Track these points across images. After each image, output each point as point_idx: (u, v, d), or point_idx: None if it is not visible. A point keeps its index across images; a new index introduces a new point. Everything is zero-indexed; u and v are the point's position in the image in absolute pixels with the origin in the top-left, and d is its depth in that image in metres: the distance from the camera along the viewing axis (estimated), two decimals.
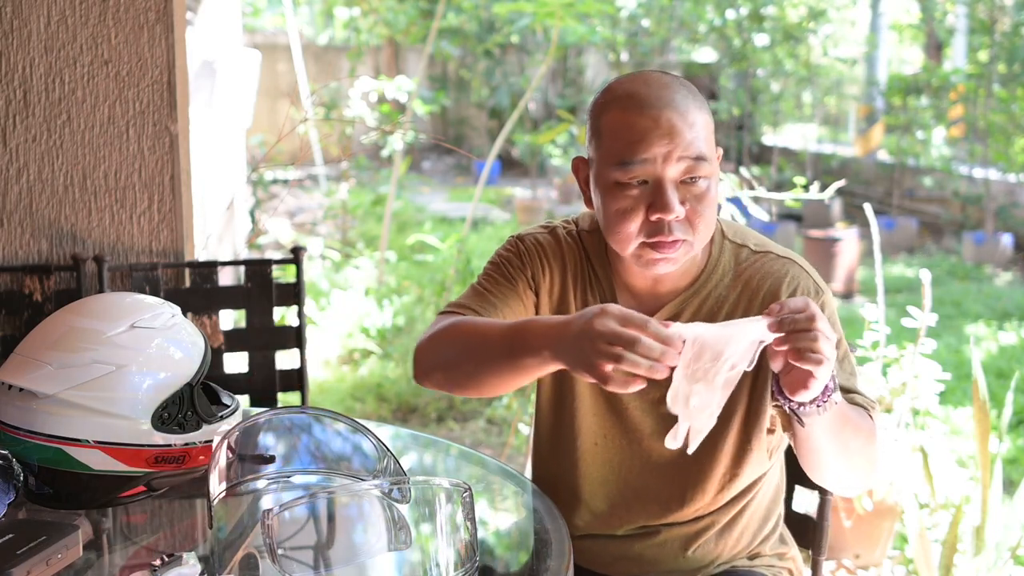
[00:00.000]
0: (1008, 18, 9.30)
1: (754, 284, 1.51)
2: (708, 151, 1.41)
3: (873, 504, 3.02)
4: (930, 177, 9.78)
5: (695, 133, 1.39)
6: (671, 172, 1.39)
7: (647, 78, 1.44)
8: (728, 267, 1.53)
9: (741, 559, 1.64)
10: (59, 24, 2.18)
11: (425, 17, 11.00)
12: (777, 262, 1.52)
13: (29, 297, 2.20)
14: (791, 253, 1.55)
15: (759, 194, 3.50)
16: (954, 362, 5.10)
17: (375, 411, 4.52)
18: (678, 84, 1.43)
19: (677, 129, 1.38)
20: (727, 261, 1.53)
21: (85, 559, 1.33)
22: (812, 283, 1.51)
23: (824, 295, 1.50)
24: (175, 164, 2.26)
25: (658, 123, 1.38)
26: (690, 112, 1.40)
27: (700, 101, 1.43)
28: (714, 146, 1.45)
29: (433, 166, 13.76)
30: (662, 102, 1.39)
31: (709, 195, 1.41)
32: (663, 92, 1.41)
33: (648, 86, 1.42)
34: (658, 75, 1.45)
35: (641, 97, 1.40)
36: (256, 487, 1.53)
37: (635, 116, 1.40)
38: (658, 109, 1.39)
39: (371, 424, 1.93)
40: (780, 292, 1.49)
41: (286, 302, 2.35)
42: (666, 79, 1.44)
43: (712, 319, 1.49)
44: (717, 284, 1.52)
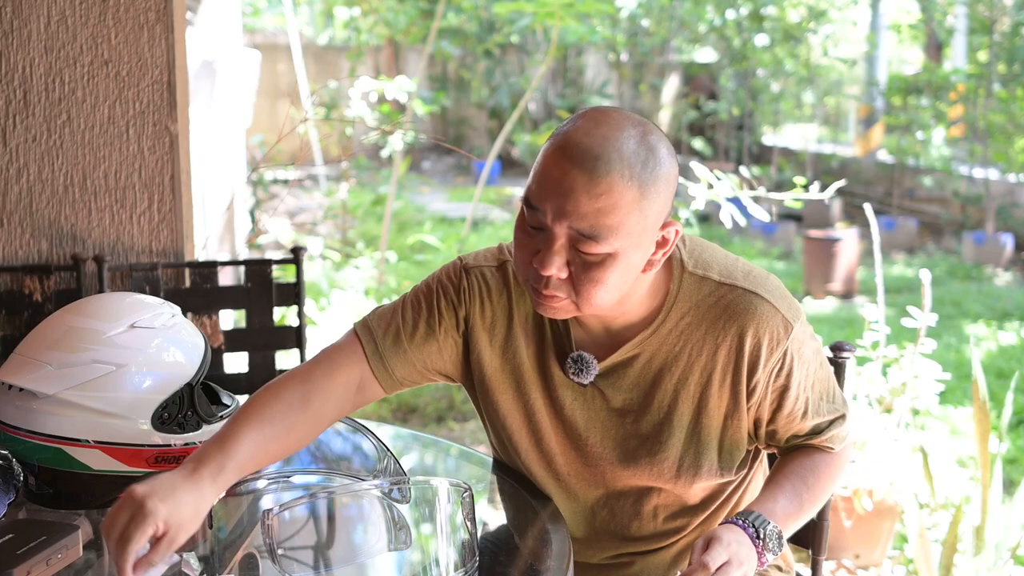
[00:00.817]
0: (1008, 18, 9.30)
1: (720, 325, 1.41)
2: (613, 229, 1.27)
3: (873, 504, 3.02)
4: (930, 177, 9.78)
5: (597, 206, 1.26)
6: (559, 229, 1.29)
7: (599, 124, 1.30)
8: (689, 303, 1.42)
9: None
10: (59, 24, 2.18)
11: (425, 17, 11.00)
12: (743, 299, 1.41)
13: (29, 297, 2.20)
14: (758, 282, 1.43)
15: (759, 194, 3.50)
16: (954, 362, 5.10)
17: (375, 411, 4.52)
18: (627, 145, 1.28)
19: (577, 196, 1.26)
20: (688, 296, 1.43)
21: (85, 559, 1.33)
22: (780, 319, 1.40)
23: (793, 330, 1.41)
24: (175, 164, 2.27)
25: (561, 180, 1.27)
26: (604, 182, 1.26)
27: (639, 173, 1.27)
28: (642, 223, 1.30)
29: (433, 166, 13.76)
30: (584, 158, 1.26)
31: (603, 270, 1.30)
32: (598, 147, 1.27)
33: (589, 135, 1.28)
34: (616, 124, 1.30)
35: (570, 144, 1.28)
36: (256, 487, 1.53)
37: (553, 161, 1.29)
38: (572, 164, 1.27)
39: (371, 424, 1.93)
40: (746, 337, 1.40)
41: (286, 302, 2.35)
42: (619, 134, 1.28)
43: (675, 358, 1.43)
44: (678, 323, 1.42)
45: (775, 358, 1.41)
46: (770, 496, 1.44)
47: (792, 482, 1.47)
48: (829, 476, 1.52)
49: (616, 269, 1.31)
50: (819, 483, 1.49)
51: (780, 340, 1.41)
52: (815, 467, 1.50)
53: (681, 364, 1.43)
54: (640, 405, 1.45)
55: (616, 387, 1.46)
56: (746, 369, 1.41)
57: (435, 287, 1.51)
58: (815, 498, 1.49)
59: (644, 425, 1.45)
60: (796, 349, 1.42)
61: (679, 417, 1.44)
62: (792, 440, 1.50)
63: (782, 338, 1.41)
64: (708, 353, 1.42)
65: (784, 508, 1.43)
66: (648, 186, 1.29)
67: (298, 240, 8.07)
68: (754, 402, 1.44)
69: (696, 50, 12.58)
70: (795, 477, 1.48)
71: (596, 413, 1.47)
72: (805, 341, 1.45)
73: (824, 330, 5.41)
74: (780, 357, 1.42)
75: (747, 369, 1.41)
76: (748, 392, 1.43)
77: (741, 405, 1.44)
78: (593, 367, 1.44)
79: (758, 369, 1.41)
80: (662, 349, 1.43)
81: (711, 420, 1.44)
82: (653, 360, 1.44)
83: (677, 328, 1.43)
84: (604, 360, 1.45)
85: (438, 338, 1.49)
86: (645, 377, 1.44)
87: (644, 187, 1.28)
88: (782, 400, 1.45)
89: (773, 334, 1.41)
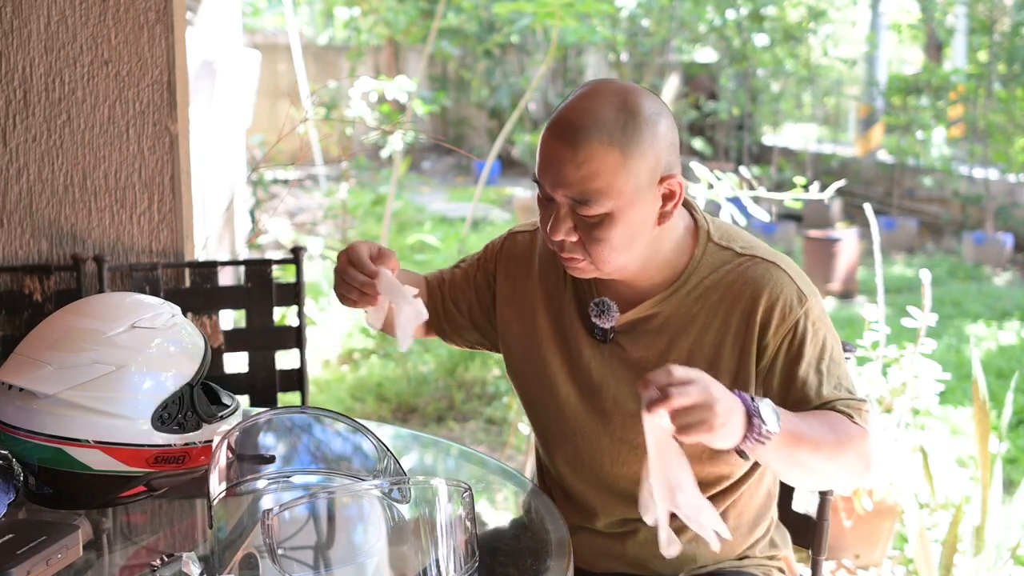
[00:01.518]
0: (1008, 18, 9.30)
1: (736, 288, 1.48)
2: (602, 191, 1.39)
3: (873, 504, 3.02)
4: (930, 177, 9.78)
5: (582, 173, 1.38)
6: (559, 200, 1.43)
7: (583, 98, 1.42)
8: (710, 269, 1.50)
9: (730, 560, 1.63)
10: (59, 24, 2.18)
11: (425, 17, 10.99)
12: (761, 266, 1.49)
13: (29, 297, 2.20)
14: (778, 257, 1.52)
15: (759, 194, 3.50)
16: (954, 362, 5.09)
17: (375, 411, 4.52)
18: (606, 113, 1.39)
19: (563, 167, 1.40)
20: (710, 263, 1.51)
21: (85, 559, 1.33)
22: (795, 289, 1.47)
23: (808, 301, 1.47)
24: (175, 164, 2.27)
25: (550, 154, 1.42)
26: (583, 149, 1.38)
27: (618, 137, 1.38)
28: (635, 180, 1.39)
29: (433, 166, 13.76)
30: (565, 132, 1.40)
31: (604, 229, 1.41)
32: (578, 119, 1.39)
33: (572, 109, 1.42)
34: (599, 96, 1.41)
35: (557, 119, 1.43)
36: (256, 487, 1.53)
37: (546, 137, 1.43)
38: (556, 139, 1.41)
39: (371, 424, 1.93)
40: (760, 299, 1.46)
41: (286, 302, 2.35)
42: (598, 104, 1.40)
43: (692, 320, 1.49)
44: (697, 285, 1.50)
45: (787, 325, 1.45)
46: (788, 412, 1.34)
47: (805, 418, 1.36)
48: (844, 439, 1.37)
49: (617, 227, 1.41)
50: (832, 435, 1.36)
51: (793, 308, 1.45)
52: (832, 421, 1.38)
53: (697, 326, 1.49)
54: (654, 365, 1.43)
55: (634, 343, 1.52)
56: (757, 331, 1.46)
57: (485, 249, 1.73)
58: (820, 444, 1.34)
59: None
60: (810, 323, 1.45)
61: None
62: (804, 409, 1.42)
63: (795, 307, 1.46)
64: (723, 316, 1.48)
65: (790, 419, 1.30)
66: (629, 146, 1.39)
67: (298, 240, 8.07)
68: (764, 367, 1.46)
69: (696, 50, 12.57)
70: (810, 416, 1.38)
71: (612, 366, 1.54)
72: (821, 321, 1.47)
73: None
74: (792, 326, 1.45)
75: (758, 331, 1.46)
76: (758, 353, 1.46)
77: (749, 368, 1.47)
78: (614, 310, 1.52)
79: (768, 331, 1.45)
80: (680, 310, 1.50)
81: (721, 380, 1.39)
82: (671, 320, 1.50)
83: (696, 291, 1.50)
84: (625, 313, 1.52)
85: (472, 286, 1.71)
86: (662, 336, 1.51)
87: (626, 149, 1.38)
88: (793, 373, 1.44)
89: (787, 301, 1.46)
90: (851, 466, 1.39)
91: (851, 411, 1.42)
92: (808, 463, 1.35)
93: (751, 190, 3.52)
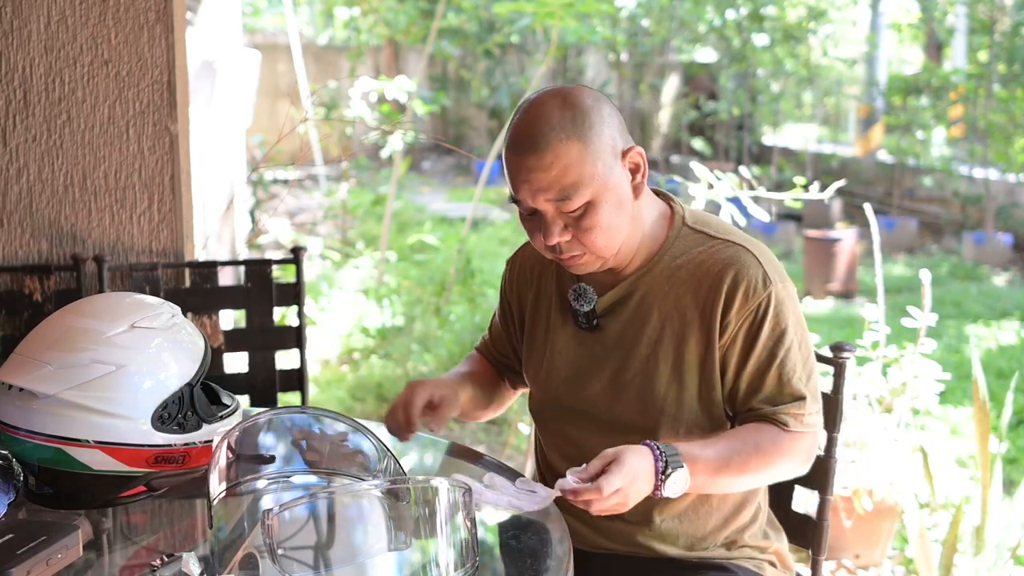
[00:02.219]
0: (1008, 18, 9.30)
1: (705, 267, 1.57)
2: (577, 183, 1.48)
3: (873, 504, 3.01)
4: (930, 177, 9.77)
5: (554, 172, 1.47)
6: (543, 207, 1.51)
7: (526, 112, 1.51)
8: (683, 250, 1.59)
9: (718, 547, 1.64)
10: (59, 24, 2.18)
11: (425, 17, 10.99)
12: (731, 248, 1.57)
13: (29, 297, 2.20)
14: (750, 242, 1.60)
15: (759, 194, 3.50)
16: (954, 362, 5.09)
17: (375, 411, 4.52)
18: (552, 115, 1.49)
19: (535, 175, 1.48)
20: (683, 244, 1.60)
21: (85, 559, 1.33)
22: (761, 272, 1.55)
23: (772, 286, 1.55)
24: (175, 164, 2.27)
25: (519, 168, 1.50)
26: (548, 152, 1.47)
27: (571, 130, 1.48)
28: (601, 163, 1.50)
29: (433, 166, 13.76)
30: (525, 144, 1.49)
31: (590, 217, 1.50)
32: (531, 129, 1.49)
33: (521, 124, 1.51)
34: (539, 105, 1.51)
35: (512, 138, 1.52)
36: (256, 487, 1.53)
37: (509, 157, 1.52)
38: (520, 153, 1.49)
39: (371, 424, 1.93)
40: (725, 278, 1.54)
41: (286, 302, 2.35)
42: (542, 111, 1.49)
43: (664, 297, 1.58)
44: (668, 265, 1.59)
45: (749, 306, 1.54)
46: (701, 443, 1.51)
47: (730, 443, 1.52)
48: (773, 454, 1.53)
49: (601, 211, 1.51)
50: (757, 456, 1.52)
51: (757, 290, 1.54)
52: (760, 440, 1.53)
53: (669, 302, 1.58)
54: (632, 341, 1.60)
55: (613, 322, 1.62)
56: (721, 307, 1.54)
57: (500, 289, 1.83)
58: (745, 467, 1.51)
59: (634, 360, 1.59)
60: (772, 306, 1.54)
61: (664, 352, 1.57)
62: (751, 403, 1.56)
63: (759, 289, 1.54)
64: (692, 292, 1.56)
65: (707, 460, 1.48)
66: (585, 134, 1.49)
67: (298, 240, 8.07)
68: (725, 342, 1.55)
69: (696, 50, 12.56)
70: (736, 440, 1.53)
71: (596, 352, 1.63)
72: (784, 308, 1.55)
73: (824, 330, 5.40)
74: (755, 308, 1.54)
75: (722, 307, 1.54)
76: (720, 331, 1.55)
77: (714, 343, 1.55)
78: (591, 294, 1.62)
79: (732, 309, 1.54)
80: (654, 287, 1.59)
81: (691, 356, 1.56)
82: (646, 297, 1.59)
83: (668, 269, 1.59)
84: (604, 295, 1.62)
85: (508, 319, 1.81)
86: (639, 314, 1.60)
87: (582, 137, 1.48)
88: (749, 352, 1.55)
89: (751, 282, 1.54)
90: (784, 471, 1.58)
91: (788, 418, 1.54)
92: (734, 485, 1.56)
93: (751, 190, 3.52)
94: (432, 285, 5.77)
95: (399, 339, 5.29)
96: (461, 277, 5.36)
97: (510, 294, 1.79)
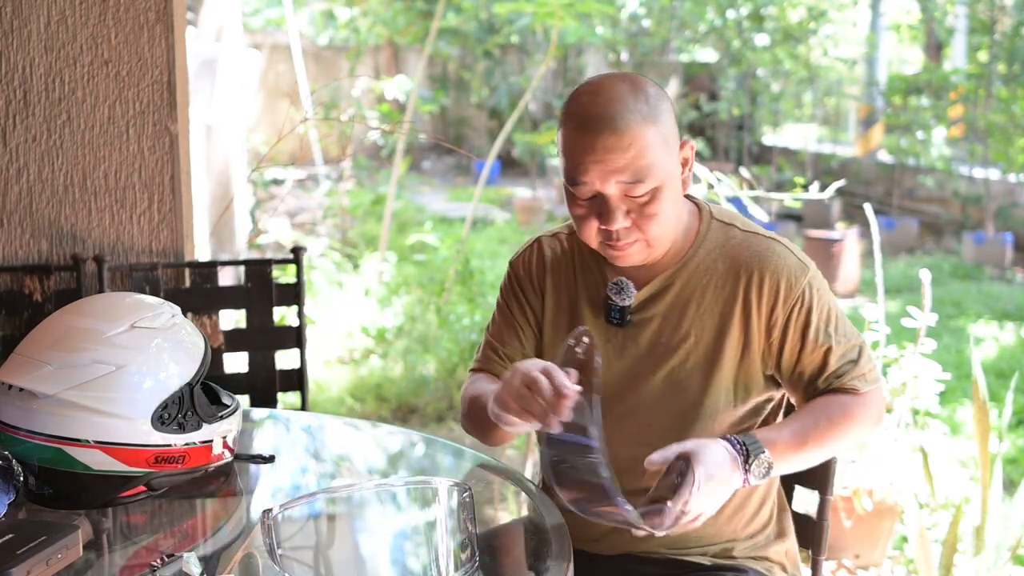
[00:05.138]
0: (1008, 18, 9.30)
1: (740, 261, 1.57)
2: (650, 167, 1.47)
3: (873, 504, 3.02)
4: (930, 177, 9.77)
5: (632, 154, 1.46)
6: (610, 190, 1.48)
7: (597, 93, 1.49)
8: (715, 243, 1.60)
9: (739, 540, 1.63)
10: (59, 24, 2.18)
11: (424, 17, 10.99)
12: (763, 243, 1.59)
13: (29, 297, 2.20)
14: (776, 236, 1.62)
15: (759, 194, 3.50)
16: (954, 362, 5.09)
17: (375, 411, 4.52)
18: (626, 96, 1.48)
19: (612, 155, 1.46)
20: (715, 237, 1.61)
21: (85, 559, 1.33)
22: (795, 261, 1.57)
23: (808, 270, 1.57)
24: (175, 164, 2.27)
25: (594, 148, 1.47)
26: (627, 133, 1.45)
27: (647, 113, 1.47)
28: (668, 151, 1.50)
29: (433, 166, 13.76)
30: (602, 124, 1.46)
31: (655, 203, 1.49)
32: (607, 109, 1.46)
33: (594, 105, 1.48)
34: (610, 86, 1.49)
35: (584, 118, 1.48)
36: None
37: (578, 138, 1.48)
38: (596, 133, 1.46)
39: (371, 424, 1.94)
40: (765, 274, 1.55)
41: (286, 302, 2.35)
42: (615, 92, 1.48)
43: (703, 290, 1.58)
44: (704, 258, 1.59)
45: (794, 295, 1.55)
46: (776, 427, 1.54)
47: (802, 420, 1.53)
48: (848, 419, 1.54)
49: (664, 199, 1.50)
50: (832, 426, 1.53)
51: (798, 278, 1.56)
52: (831, 410, 1.54)
53: (707, 296, 1.58)
54: (669, 336, 1.58)
55: (649, 317, 1.60)
56: (766, 305, 1.55)
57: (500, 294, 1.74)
58: (823, 439, 1.52)
59: (671, 355, 1.58)
60: (814, 288, 1.56)
61: (703, 347, 1.57)
62: (818, 383, 1.57)
63: (799, 277, 1.56)
64: (731, 286, 1.57)
65: (786, 441, 1.49)
66: (657, 117, 1.48)
67: (298, 240, 8.07)
68: (776, 337, 1.56)
69: (696, 50, 12.57)
70: (807, 416, 1.54)
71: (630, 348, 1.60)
72: (823, 287, 1.59)
73: None
74: (799, 295, 1.55)
75: (767, 305, 1.55)
76: (768, 327, 1.56)
77: (753, 336, 1.56)
78: (632, 288, 1.59)
79: (778, 305, 1.55)
80: (691, 281, 1.59)
81: (730, 351, 1.56)
82: (684, 290, 1.59)
83: (704, 263, 1.59)
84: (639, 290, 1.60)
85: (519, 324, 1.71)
86: (676, 307, 1.59)
87: (655, 120, 1.48)
88: (804, 336, 1.56)
89: (791, 273, 1.56)
90: (860, 434, 1.57)
91: (857, 381, 1.56)
92: (814, 459, 1.55)
93: (751, 190, 3.52)
94: (432, 285, 5.78)
95: (399, 339, 5.30)
96: (461, 277, 5.36)
97: (522, 294, 1.71)
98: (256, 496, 1.61)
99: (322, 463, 1.78)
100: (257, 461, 1.67)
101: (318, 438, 1.90)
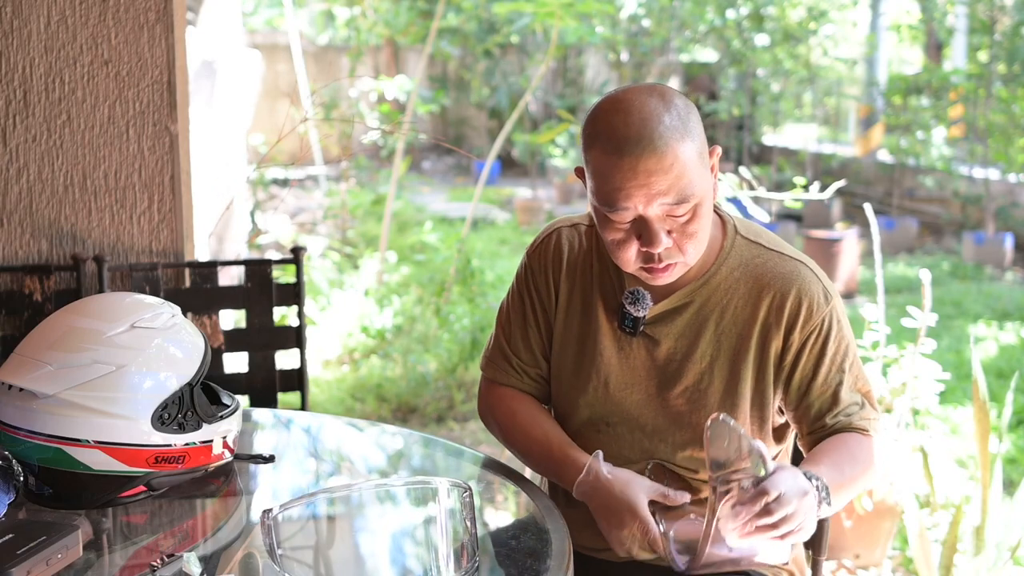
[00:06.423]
0: (1008, 18, 9.30)
1: (765, 280, 1.54)
2: (691, 185, 1.41)
3: (873, 504, 3.02)
4: (930, 177, 9.77)
5: (674, 175, 1.40)
6: (653, 212, 1.42)
7: (628, 112, 1.41)
8: (739, 261, 1.56)
9: None
10: (59, 24, 2.18)
11: (424, 17, 10.99)
12: (789, 264, 1.54)
13: (29, 297, 2.20)
14: (802, 256, 1.57)
15: (759, 194, 3.50)
16: (954, 362, 5.09)
17: (375, 411, 4.52)
18: (660, 113, 1.41)
19: (655, 178, 1.39)
20: (739, 254, 1.56)
21: (85, 559, 1.33)
22: (821, 288, 1.53)
23: (832, 300, 1.54)
24: (175, 164, 2.27)
25: (635, 172, 1.39)
26: (668, 152, 1.39)
27: (681, 128, 1.41)
28: (703, 164, 1.44)
29: (433, 166, 13.76)
30: (639, 146, 1.39)
31: (696, 220, 1.45)
32: (643, 130, 1.39)
33: (628, 125, 1.40)
34: (640, 103, 1.42)
35: (620, 140, 1.40)
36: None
37: (615, 161, 1.40)
38: (635, 156, 1.39)
39: (370, 425, 1.94)
40: (788, 296, 1.52)
41: (286, 302, 2.34)
42: (647, 109, 1.41)
43: (723, 309, 1.54)
44: (727, 276, 1.55)
45: (813, 322, 1.52)
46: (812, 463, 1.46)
47: (832, 458, 1.47)
48: (866, 461, 1.51)
49: (703, 215, 1.46)
50: (854, 466, 1.48)
51: (820, 306, 1.52)
52: (852, 450, 1.50)
53: (727, 315, 1.54)
54: (684, 354, 1.55)
55: (665, 334, 1.56)
56: (784, 327, 1.52)
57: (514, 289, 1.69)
58: (854, 480, 1.48)
59: (688, 371, 1.55)
60: (835, 320, 1.53)
61: (720, 365, 1.54)
62: (826, 419, 1.53)
63: (822, 304, 1.52)
64: (752, 307, 1.53)
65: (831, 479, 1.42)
66: (691, 130, 1.43)
67: (298, 240, 8.07)
68: (788, 362, 1.53)
69: (696, 50, 12.56)
70: (835, 455, 1.48)
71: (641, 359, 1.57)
72: (843, 320, 1.54)
73: None
74: (819, 323, 1.52)
75: (785, 327, 1.52)
76: (783, 350, 1.52)
77: (768, 359, 1.53)
78: (648, 299, 1.55)
79: (796, 328, 1.52)
80: (712, 299, 1.55)
81: (747, 371, 1.53)
82: (703, 309, 1.55)
83: (727, 281, 1.55)
84: (657, 303, 1.56)
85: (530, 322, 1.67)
86: (693, 325, 1.55)
87: (690, 134, 1.42)
88: (818, 367, 1.52)
89: (814, 299, 1.52)
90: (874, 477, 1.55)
91: (865, 423, 1.53)
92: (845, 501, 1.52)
93: (751, 190, 3.52)
94: (432, 285, 5.78)
95: (399, 339, 5.30)
96: (461, 277, 5.36)
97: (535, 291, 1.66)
98: (256, 496, 1.61)
99: (322, 463, 1.78)
100: (257, 461, 1.67)
101: (318, 438, 1.90)
